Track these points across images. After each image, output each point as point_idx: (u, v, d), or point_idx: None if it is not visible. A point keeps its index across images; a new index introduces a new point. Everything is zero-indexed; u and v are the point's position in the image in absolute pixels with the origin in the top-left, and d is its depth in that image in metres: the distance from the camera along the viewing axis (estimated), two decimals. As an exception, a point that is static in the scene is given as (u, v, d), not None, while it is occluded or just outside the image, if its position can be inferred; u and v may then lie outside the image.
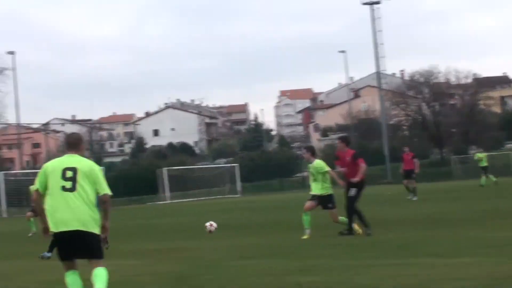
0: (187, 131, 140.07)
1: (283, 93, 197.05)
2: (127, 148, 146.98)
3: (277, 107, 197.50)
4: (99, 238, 8.43)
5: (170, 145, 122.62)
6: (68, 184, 8.33)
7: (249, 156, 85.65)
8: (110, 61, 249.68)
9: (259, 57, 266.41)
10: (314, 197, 16.77)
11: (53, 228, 8.27)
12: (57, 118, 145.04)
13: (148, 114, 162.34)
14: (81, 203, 8.28)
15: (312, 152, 17.17)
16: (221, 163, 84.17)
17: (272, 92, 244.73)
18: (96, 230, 8.37)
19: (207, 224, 18.34)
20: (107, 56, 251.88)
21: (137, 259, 14.32)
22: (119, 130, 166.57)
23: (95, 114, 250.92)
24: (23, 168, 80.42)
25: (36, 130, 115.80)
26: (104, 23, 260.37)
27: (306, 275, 10.53)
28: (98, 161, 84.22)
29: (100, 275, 8.26)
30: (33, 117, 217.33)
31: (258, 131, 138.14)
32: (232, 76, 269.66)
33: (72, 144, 8.84)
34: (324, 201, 16.62)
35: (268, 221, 23.07)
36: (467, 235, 15.03)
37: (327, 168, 16.74)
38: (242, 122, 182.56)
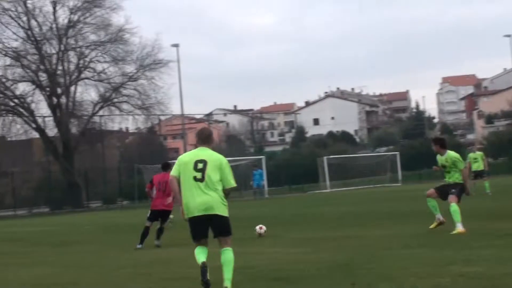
0: (347, 119, 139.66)
1: (445, 80, 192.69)
2: (288, 137, 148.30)
3: (439, 94, 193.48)
4: (227, 219, 9.45)
5: (331, 133, 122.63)
6: (199, 175, 9.33)
7: (410, 144, 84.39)
8: (271, 51, 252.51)
9: (420, 43, 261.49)
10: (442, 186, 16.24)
11: (188, 213, 9.35)
12: (219, 109, 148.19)
13: (308, 103, 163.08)
14: (209, 191, 9.27)
15: (441, 144, 16.66)
16: (382, 151, 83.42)
17: (434, 79, 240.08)
18: (224, 212, 9.37)
19: (257, 227, 17.89)
20: (268, 46, 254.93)
21: (299, 247, 14.44)
22: (280, 119, 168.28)
23: (256, 104, 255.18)
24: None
25: (199, 120, 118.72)
26: (265, 14, 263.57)
27: (469, 265, 10.29)
28: (259, 151, 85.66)
29: (228, 260, 9.34)
30: (196, 108, 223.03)
31: (419, 118, 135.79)
32: (393, 63, 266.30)
33: (204, 139, 9.83)
34: (451, 187, 16.14)
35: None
36: None
37: (463, 165, 16.23)
38: (403, 110, 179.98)
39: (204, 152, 9.58)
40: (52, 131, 58.61)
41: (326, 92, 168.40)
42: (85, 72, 58.96)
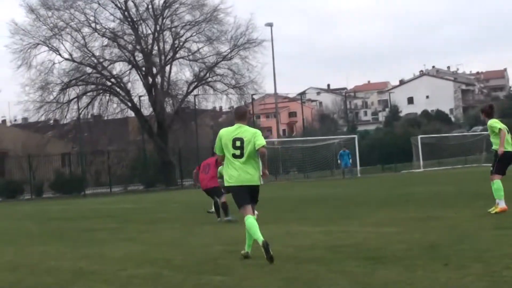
0: (442, 98, 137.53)
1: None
2: (381, 116, 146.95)
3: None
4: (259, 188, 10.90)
5: (425, 112, 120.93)
6: (237, 152, 10.61)
7: (508, 123, 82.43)
8: (365, 30, 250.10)
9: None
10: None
11: (231, 183, 10.71)
12: (312, 87, 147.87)
13: (402, 82, 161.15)
14: (248, 166, 10.61)
15: (487, 112, 16.06)
16: (478, 131, 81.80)
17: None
18: (259, 182, 10.79)
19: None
20: (363, 25, 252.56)
21: (390, 227, 14.31)
22: (373, 98, 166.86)
23: (349, 83, 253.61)
24: (279, 137, 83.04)
25: (292, 99, 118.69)
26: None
27: None
28: (352, 130, 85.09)
29: (253, 225, 10.62)
30: (289, 87, 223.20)
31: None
32: (490, 41, 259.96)
33: (241, 115, 10.93)
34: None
35: None
36: None
37: (499, 126, 15.57)
38: (501, 88, 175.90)
39: (241, 130, 10.73)
40: (147, 110, 59.61)
41: (421, 71, 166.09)
42: (180, 52, 59.64)
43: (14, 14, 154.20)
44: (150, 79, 58.11)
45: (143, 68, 58.18)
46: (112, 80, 58.25)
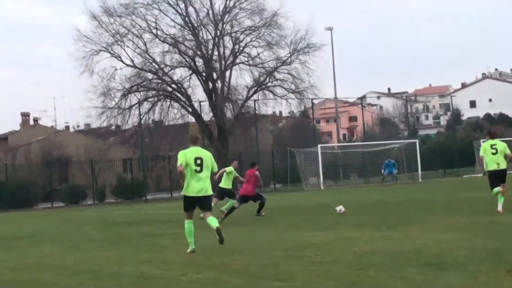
0: (505, 101, 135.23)
1: None
2: (443, 120, 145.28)
3: None
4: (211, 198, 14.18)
5: (488, 116, 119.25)
6: (198, 168, 13.45)
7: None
8: (426, 33, 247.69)
9: None
10: None
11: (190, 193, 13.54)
12: (372, 91, 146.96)
13: (464, 85, 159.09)
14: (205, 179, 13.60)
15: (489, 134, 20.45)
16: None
17: None
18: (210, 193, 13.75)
19: (337, 208, 20.68)
20: (424, 28, 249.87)
21: (452, 232, 14.17)
22: (435, 102, 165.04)
23: (410, 86, 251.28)
24: (339, 141, 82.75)
25: (352, 104, 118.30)
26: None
27: None
28: (413, 134, 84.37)
29: (213, 220, 13.49)
30: (349, 91, 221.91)
31: None
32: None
33: (195, 140, 13.95)
34: None
35: None
36: None
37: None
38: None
39: (199, 151, 13.79)
40: (207, 115, 59.90)
41: (483, 74, 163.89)
42: (240, 57, 59.82)
43: (77, 20, 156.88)
44: (211, 84, 58.43)
45: (203, 74, 58.52)
46: (173, 85, 58.72)
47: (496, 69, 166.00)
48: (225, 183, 24.07)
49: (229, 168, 24.19)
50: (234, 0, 58.69)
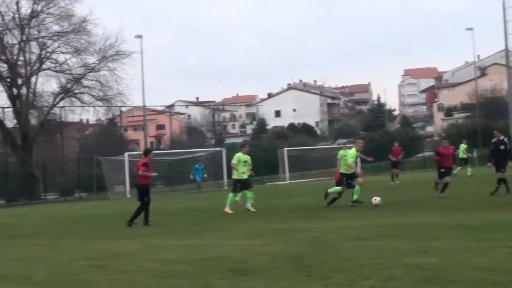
0: (308, 111, 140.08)
1: (407, 72, 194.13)
2: (249, 129, 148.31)
3: (400, 86, 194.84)
4: None
5: (292, 125, 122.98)
6: None
7: (371, 136, 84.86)
8: (234, 43, 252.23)
9: (382, 36, 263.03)
10: None
11: None
12: (181, 100, 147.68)
13: (270, 95, 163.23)
14: None
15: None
16: (342, 143, 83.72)
17: (396, 71, 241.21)
18: None
19: (373, 199, 21.26)
20: (232, 39, 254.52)
21: (255, 239, 14.42)
22: (241, 111, 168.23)
23: (218, 95, 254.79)
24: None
25: (160, 112, 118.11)
26: (229, 5, 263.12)
27: (423, 256, 10.35)
28: (220, 143, 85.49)
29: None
30: (158, 100, 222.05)
31: (380, 111, 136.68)
32: (355, 56, 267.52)
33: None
34: None
35: (386, 201, 22.78)
36: None
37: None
38: (365, 102, 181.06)
39: None
40: (11, 122, 57.87)
41: (288, 84, 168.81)
42: (47, 63, 58.20)
43: None
44: (15, 91, 56.47)
45: (8, 79, 56.48)
46: (-27, 91, 56.29)
47: (300, 80, 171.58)
48: None
49: None
50: (42, 5, 57.08)
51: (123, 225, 20.21)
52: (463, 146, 45.38)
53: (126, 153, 53.34)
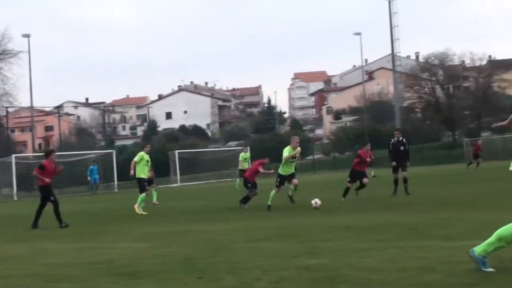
0: (199, 113, 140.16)
1: (297, 76, 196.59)
2: (140, 131, 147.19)
3: (290, 89, 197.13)
4: None
5: (183, 127, 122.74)
6: None
7: (261, 138, 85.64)
8: (123, 44, 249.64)
9: (274, 39, 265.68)
10: None
11: None
12: (70, 101, 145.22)
13: (161, 97, 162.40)
14: None
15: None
16: (233, 145, 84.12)
17: (286, 74, 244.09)
18: None
19: (313, 201, 20.51)
20: (121, 39, 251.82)
21: (146, 242, 14.30)
22: (132, 113, 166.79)
23: (108, 97, 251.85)
24: (35, 151, 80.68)
25: (49, 113, 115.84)
26: (117, 5, 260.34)
27: (313, 257, 10.46)
28: (111, 144, 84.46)
29: None
30: (46, 100, 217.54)
31: (270, 113, 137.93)
32: (247, 59, 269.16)
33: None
34: None
35: (278, 203, 22.99)
36: (477, 218, 14.97)
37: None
38: (255, 104, 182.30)
39: None
40: None
41: (179, 86, 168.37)
42: None
43: None
44: None
45: None
46: None
47: (191, 82, 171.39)
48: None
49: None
50: None
51: (10, 229, 19.67)
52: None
53: (13, 155, 52.08)
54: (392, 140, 25.44)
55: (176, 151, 61.24)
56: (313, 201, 20.71)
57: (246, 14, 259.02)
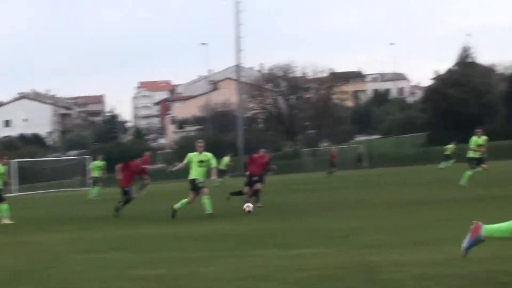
0: (40, 122, 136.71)
1: (142, 85, 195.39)
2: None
3: (135, 98, 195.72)
4: None
5: (22, 136, 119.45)
6: None
7: (104, 148, 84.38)
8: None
9: (120, 47, 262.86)
10: None
11: None
12: None
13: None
14: None
15: None
16: (74, 155, 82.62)
17: (131, 83, 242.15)
18: None
19: (245, 206, 20.12)
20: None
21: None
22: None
23: None
24: None
25: None
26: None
27: (151, 268, 10.35)
28: None
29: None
30: None
31: (113, 122, 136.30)
32: (90, 67, 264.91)
33: None
34: None
35: (125, 212, 22.67)
36: (314, 226, 15.33)
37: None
38: (98, 113, 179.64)
39: None
40: None
41: (19, 93, 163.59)
42: None
43: None
44: None
45: None
46: None
47: (32, 89, 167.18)
48: None
49: None
50: None
51: None
52: (226, 159, 48.40)
53: None
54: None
55: (14, 160, 59.40)
56: (245, 206, 20.20)
57: (91, 23, 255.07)
